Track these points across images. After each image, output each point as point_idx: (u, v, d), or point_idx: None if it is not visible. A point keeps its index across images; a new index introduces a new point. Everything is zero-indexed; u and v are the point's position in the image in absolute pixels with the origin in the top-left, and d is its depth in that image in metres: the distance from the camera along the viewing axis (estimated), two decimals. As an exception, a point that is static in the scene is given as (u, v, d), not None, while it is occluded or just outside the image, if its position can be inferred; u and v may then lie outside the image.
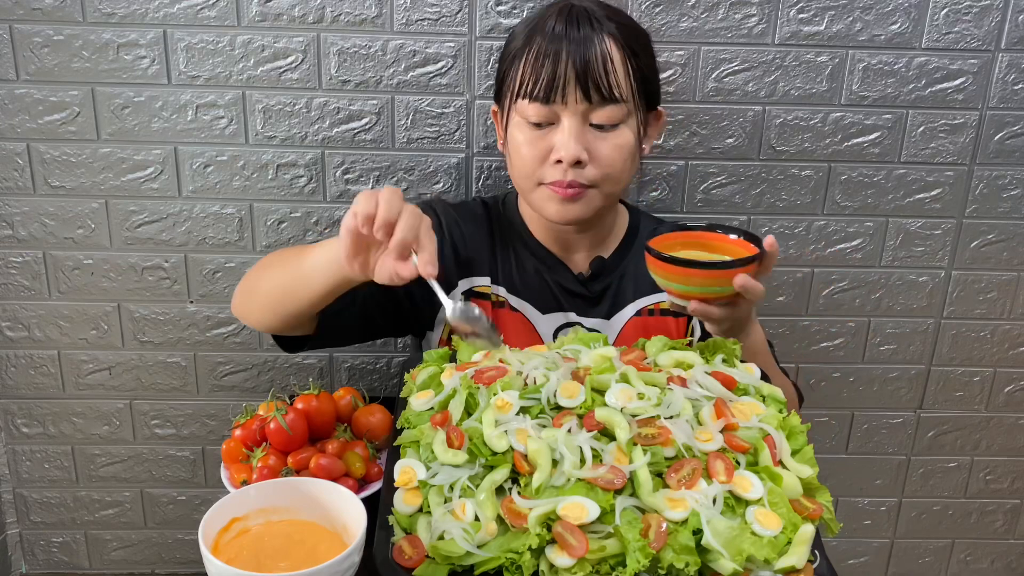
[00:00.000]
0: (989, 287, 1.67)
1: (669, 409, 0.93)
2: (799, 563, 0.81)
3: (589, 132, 1.17)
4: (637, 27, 1.22)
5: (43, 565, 1.83)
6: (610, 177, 1.19)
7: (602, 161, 1.17)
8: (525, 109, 1.17)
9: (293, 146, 1.52)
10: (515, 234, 1.33)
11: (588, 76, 1.13)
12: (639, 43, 1.19)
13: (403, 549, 0.85)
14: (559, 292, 1.32)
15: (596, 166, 1.17)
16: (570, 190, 1.18)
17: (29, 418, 1.70)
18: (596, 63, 1.13)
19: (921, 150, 1.56)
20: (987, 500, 1.84)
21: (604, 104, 1.15)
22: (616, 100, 1.15)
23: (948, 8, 1.47)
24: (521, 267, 1.32)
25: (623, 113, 1.16)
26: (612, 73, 1.14)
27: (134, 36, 1.45)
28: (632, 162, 1.21)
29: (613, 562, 0.81)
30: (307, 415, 1.10)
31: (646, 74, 1.19)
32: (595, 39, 1.14)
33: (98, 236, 1.57)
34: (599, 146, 1.17)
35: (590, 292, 1.32)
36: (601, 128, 1.17)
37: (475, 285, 1.31)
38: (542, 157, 1.18)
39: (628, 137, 1.18)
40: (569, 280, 1.32)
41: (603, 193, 1.21)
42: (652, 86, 1.22)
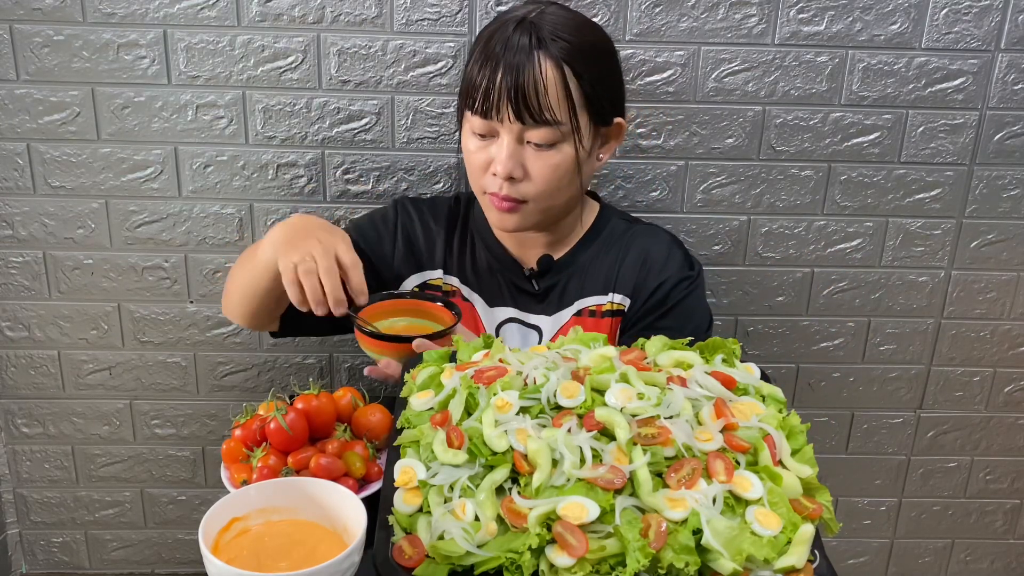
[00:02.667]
0: (989, 287, 1.67)
1: (669, 409, 0.93)
2: (799, 563, 0.81)
3: (526, 149, 1.18)
4: (594, 42, 1.20)
5: (43, 565, 1.83)
6: (544, 193, 1.21)
7: (536, 179, 1.19)
8: (471, 119, 1.20)
9: (293, 146, 1.52)
10: (476, 229, 1.37)
11: (519, 99, 1.14)
12: (589, 61, 1.17)
13: (403, 549, 0.85)
14: (507, 288, 1.36)
15: (530, 183, 1.20)
16: (505, 203, 1.21)
17: (29, 418, 1.70)
18: (528, 87, 1.13)
19: (921, 150, 1.56)
20: (987, 500, 1.84)
21: (537, 126, 1.16)
22: (548, 123, 1.15)
23: (948, 8, 1.47)
24: (475, 261, 1.37)
25: (558, 135, 1.17)
26: (543, 96, 1.14)
27: (134, 36, 1.45)
28: (570, 178, 1.21)
29: (613, 562, 0.81)
30: (307, 415, 1.10)
31: (594, 93, 1.18)
32: (532, 60, 1.13)
33: (98, 236, 1.57)
34: (534, 164, 1.18)
35: (535, 289, 1.35)
36: (538, 147, 1.18)
37: (427, 279, 1.37)
38: (484, 167, 1.21)
39: (564, 156, 1.19)
40: (518, 277, 1.35)
41: (540, 208, 1.23)
42: (602, 103, 1.20)
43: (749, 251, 1.62)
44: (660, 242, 1.35)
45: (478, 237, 1.37)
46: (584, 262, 1.34)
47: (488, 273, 1.36)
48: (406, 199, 1.42)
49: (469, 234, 1.38)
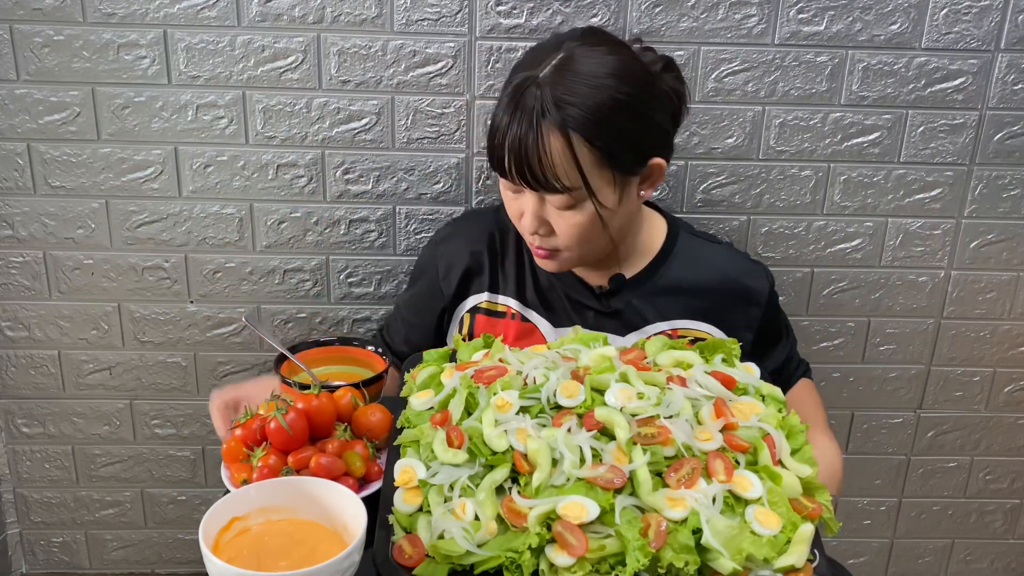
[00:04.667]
0: (989, 287, 1.67)
1: (669, 409, 0.93)
2: (798, 562, 0.82)
3: (548, 207, 1.16)
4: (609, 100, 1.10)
5: (43, 565, 1.83)
6: (574, 246, 1.19)
7: (561, 235, 1.18)
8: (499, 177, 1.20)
9: (293, 146, 1.52)
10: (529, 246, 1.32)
11: (524, 172, 1.12)
12: (603, 124, 1.10)
13: (403, 548, 0.85)
14: (571, 306, 1.31)
15: (558, 238, 1.19)
16: (540, 251, 1.22)
17: (29, 418, 1.70)
18: (531, 160, 1.10)
19: (921, 150, 1.56)
20: (987, 500, 1.84)
21: (548, 192, 1.14)
22: (558, 191, 1.12)
23: (948, 8, 1.47)
24: (535, 279, 1.33)
25: (572, 199, 1.13)
26: (548, 168, 1.10)
27: (134, 36, 1.45)
28: (598, 232, 1.18)
29: (613, 561, 0.82)
30: (307, 415, 1.10)
31: (613, 151, 1.11)
32: (533, 134, 1.09)
33: (98, 236, 1.57)
34: (558, 222, 1.17)
35: (605, 308, 1.30)
36: (556, 207, 1.16)
37: (475, 303, 1.34)
38: (517, 216, 1.21)
39: (586, 214, 1.15)
40: (583, 294, 1.31)
41: (576, 255, 1.21)
42: (625, 158, 1.14)
43: (749, 251, 1.62)
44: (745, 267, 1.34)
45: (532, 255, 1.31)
46: (660, 282, 1.30)
47: (550, 291, 1.32)
48: (440, 240, 1.38)
49: (524, 252, 1.33)
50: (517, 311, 1.32)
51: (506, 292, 1.33)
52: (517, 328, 1.31)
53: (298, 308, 1.63)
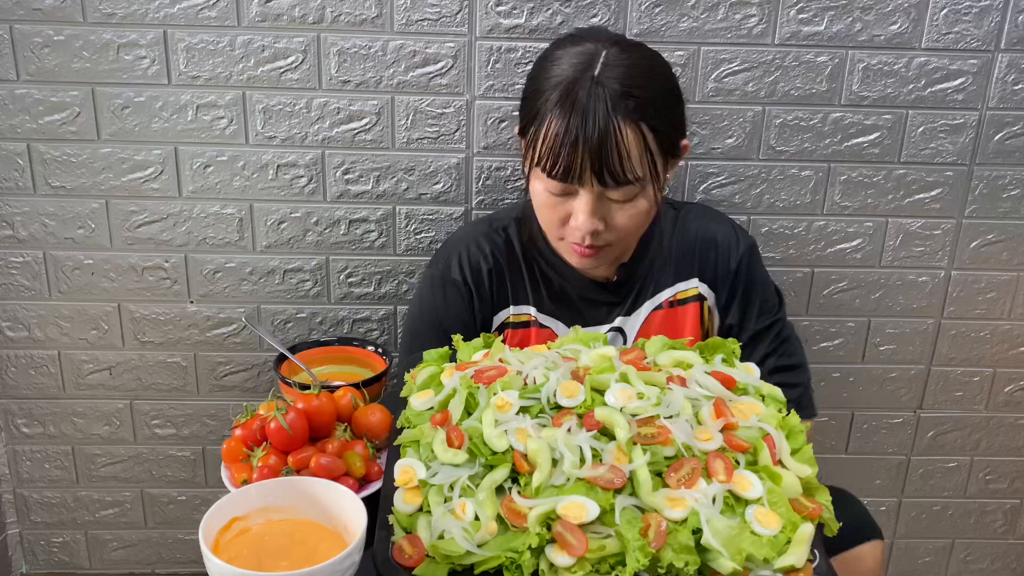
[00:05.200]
0: (989, 287, 1.67)
1: (669, 409, 0.93)
2: (798, 562, 0.82)
3: (606, 202, 1.17)
4: (662, 86, 1.17)
5: (43, 565, 1.83)
6: (626, 238, 1.22)
7: (618, 227, 1.19)
8: (545, 180, 1.17)
9: (293, 146, 1.52)
10: (538, 253, 1.34)
11: (604, 168, 1.12)
12: (661, 109, 1.15)
13: (403, 548, 0.85)
14: (584, 305, 1.33)
15: (612, 231, 1.19)
16: (588, 250, 1.21)
17: (29, 418, 1.70)
18: (611, 155, 1.11)
19: (921, 150, 1.56)
20: (987, 500, 1.84)
21: (620, 186, 1.14)
22: (631, 183, 1.14)
23: (948, 8, 1.47)
24: (548, 285, 1.34)
25: (636, 190, 1.16)
26: (627, 161, 1.12)
27: (134, 36, 1.45)
28: (649, 216, 1.22)
29: (613, 561, 0.82)
30: (307, 415, 1.10)
31: (668, 137, 1.17)
32: (611, 128, 1.11)
33: (98, 236, 1.57)
34: (615, 215, 1.18)
35: (616, 298, 1.33)
36: (618, 200, 1.17)
37: (504, 318, 1.34)
38: (562, 221, 1.20)
39: (645, 203, 1.18)
40: (594, 290, 1.33)
41: (622, 248, 1.25)
42: (673, 140, 1.19)
43: (749, 251, 1.62)
44: (719, 222, 1.37)
45: (542, 262, 1.34)
46: (653, 256, 1.34)
47: (563, 295, 1.34)
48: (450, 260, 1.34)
49: (533, 261, 1.34)
50: (535, 317, 1.34)
51: (526, 301, 1.34)
52: (537, 334, 1.33)
53: (298, 308, 1.63)
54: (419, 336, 1.33)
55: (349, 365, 1.28)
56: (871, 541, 1.32)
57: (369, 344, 1.28)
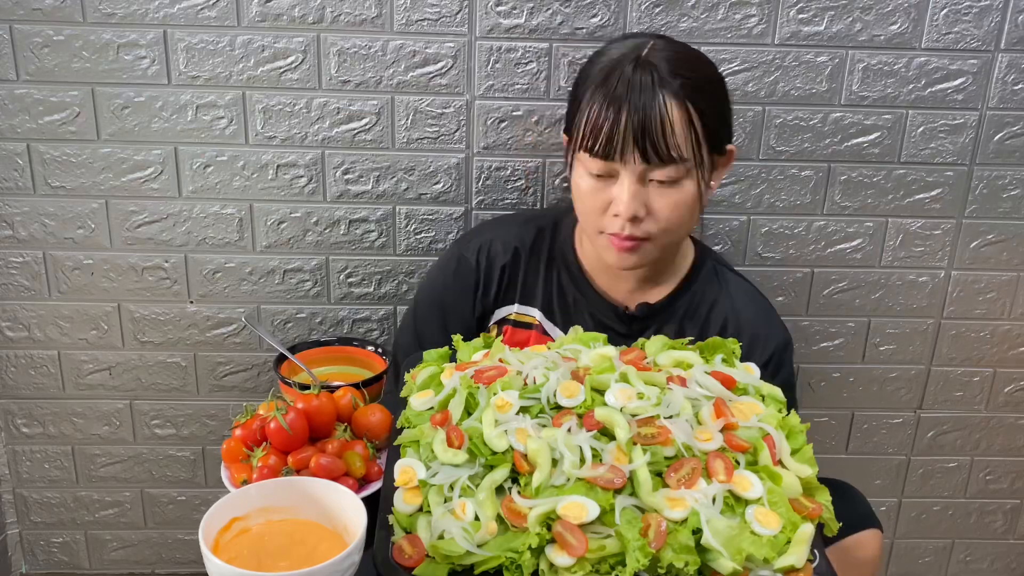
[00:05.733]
0: (989, 287, 1.67)
1: (669, 409, 0.93)
2: (798, 562, 0.82)
3: (649, 187, 1.15)
4: (709, 76, 1.18)
5: (43, 565, 1.83)
6: (668, 230, 1.18)
7: (660, 216, 1.16)
8: (587, 161, 1.17)
9: (293, 146, 1.52)
10: (562, 259, 1.32)
11: (646, 140, 1.11)
12: (707, 95, 1.16)
13: (403, 548, 0.85)
14: (594, 325, 1.30)
15: (654, 221, 1.16)
16: (627, 242, 1.18)
17: (29, 418, 1.70)
18: (654, 127, 1.11)
19: (921, 150, 1.56)
20: (987, 500, 1.84)
21: (663, 165, 1.13)
22: (675, 161, 1.13)
23: (948, 8, 1.47)
24: (561, 294, 1.32)
25: (682, 171, 1.14)
26: (671, 136, 1.11)
27: (134, 36, 1.45)
28: (692, 212, 1.19)
29: (613, 561, 0.82)
30: (307, 415, 1.10)
31: (713, 124, 1.16)
32: (656, 101, 1.11)
33: (98, 236, 1.57)
34: (658, 202, 1.15)
35: (627, 331, 1.29)
36: (661, 183, 1.15)
37: (504, 315, 1.33)
38: (602, 208, 1.17)
39: (688, 191, 1.16)
40: (608, 315, 1.30)
41: (661, 244, 1.20)
42: (719, 133, 1.19)
43: (749, 251, 1.62)
44: (761, 312, 1.31)
45: (564, 271, 1.32)
46: (679, 310, 1.30)
47: (573, 308, 1.31)
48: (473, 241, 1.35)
49: (555, 267, 1.32)
50: (539, 322, 1.32)
51: (534, 303, 1.32)
52: (537, 339, 1.31)
53: (298, 308, 1.63)
54: (420, 306, 1.36)
55: (349, 365, 1.27)
56: (871, 529, 1.31)
57: (369, 344, 1.28)
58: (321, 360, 1.26)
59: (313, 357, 1.25)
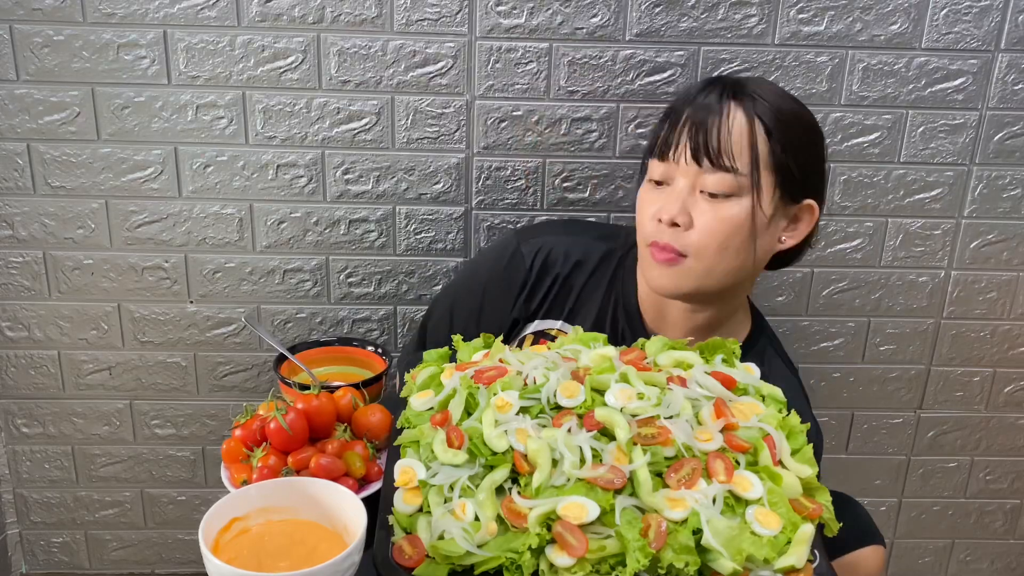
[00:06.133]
0: (989, 287, 1.67)
1: (669, 409, 0.93)
2: (799, 563, 0.82)
3: (699, 199, 1.12)
4: (799, 116, 1.14)
5: (43, 565, 1.83)
6: (708, 249, 1.12)
7: (702, 229, 1.11)
8: (651, 166, 1.16)
9: (293, 146, 1.52)
10: (622, 291, 1.27)
11: (699, 137, 1.09)
12: (788, 128, 1.11)
13: (403, 549, 0.85)
14: None
15: (695, 232, 1.12)
16: (665, 253, 1.13)
17: (29, 418, 1.70)
18: (711, 127, 1.09)
19: (921, 150, 1.56)
20: (987, 500, 1.84)
21: (714, 170, 1.10)
22: (726, 168, 1.09)
23: (948, 8, 1.47)
24: (614, 328, 1.27)
25: (735, 185, 1.10)
26: (725, 138, 1.09)
27: (134, 36, 1.45)
28: (740, 242, 1.12)
29: (613, 562, 0.81)
30: (307, 415, 1.10)
31: (786, 158, 1.11)
32: (723, 106, 1.10)
33: (98, 236, 1.57)
34: (703, 214, 1.11)
35: None
36: (712, 196, 1.11)
37: (546, 328, 1.28)
38: (653, 215, 1.14)
39: (737, 212, 1.10)
40: None
41: (701, 267, 1.13)
42: (793, 173, 1.12)
43: (749, 251, 1.62)
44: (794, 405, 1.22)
45: (621, 303, 1.26)
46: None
47: (620, 341, 1.25)
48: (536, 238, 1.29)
49: (613, 296, 1.27)
50: None
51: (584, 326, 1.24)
52: None
53: (298, 308, 1.63)
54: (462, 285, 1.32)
55: (349, 365, 1.27)
56: (872, 545, 1.29)
57: (369, 344, 1.27)
58: (321, 360, 1.25)
59: (313, 357, 1.25)
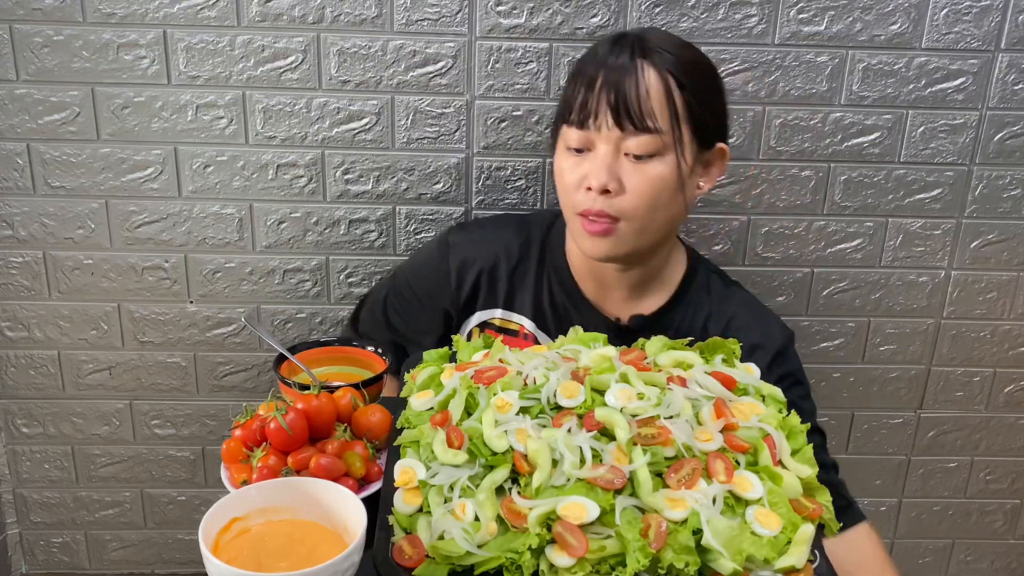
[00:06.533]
0: (989, 287, 1.67)
1: (669, 409, 0.93)
2: (799, 563, 0.81)
3: (624, 162, 1.13)
4: (697, 59, 1.16)
5: (43, 565, 1.83)
6: (641, 210, 1.14)
7: (633, 192, 1.13)
8: (567, 134, 1.16)
9: (293, 146, 1.52)
10: (552, 267, 1.30)
11: (619, 102, 1.10)
12: (695, 77, 1.13)
13: (403, 549, 0.85)
14: None
15: (626, 197, 1.13)
16: (599, 222, 1.14)
17: (29, 418, 1.70)
18: (629, 90, 1.10)
19: (921, 150, 1.56)
20: (987, 500, 1.84)
21: (637, 133, 1.11)
22: (649, 130, 1.10)
23: (948, 8, 1.47)
24: (553, 304, 1.29)
25: (658, 144, 1.12)
26: (645, 101, 1.10)
27: (134, 36, 1.45)
28: (669, 198, 1.14)
29: (613, 562, 0.81)
30: (307, 415, 1.10)
31: (699, 107, 1.13)
32: (635, 66, 1.10)
33: (98, 236, 1.57)
34: (632, 177, 1.13)
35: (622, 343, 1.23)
36: (637, 159, 1.12)
37: (487, 318, 1.31)
38: (577, 183, 1.15)
39: (664, 171, 1.13)
40: (600, 327, 1.21)
41: (635, 229, 1.15)
42: (706, 121, 1.15)
43: (749, 251, 1.62)
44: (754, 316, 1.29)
45: (555, 278, 1.29)
46: (674, 323, 1.27)
47: (564, 317, 1.28)
48: (457, 237, 1.34)
49: (545, 273, 1.29)
50: (530, 332, 1.30)
51: (522, 311, 1.30)
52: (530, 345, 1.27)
53: (298, 308, 1.63)
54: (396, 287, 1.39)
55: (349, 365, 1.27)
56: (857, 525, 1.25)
57: (369, 344, 1.27)
58: (321, 360, 1.25)
59: (313, 357, 1.25)
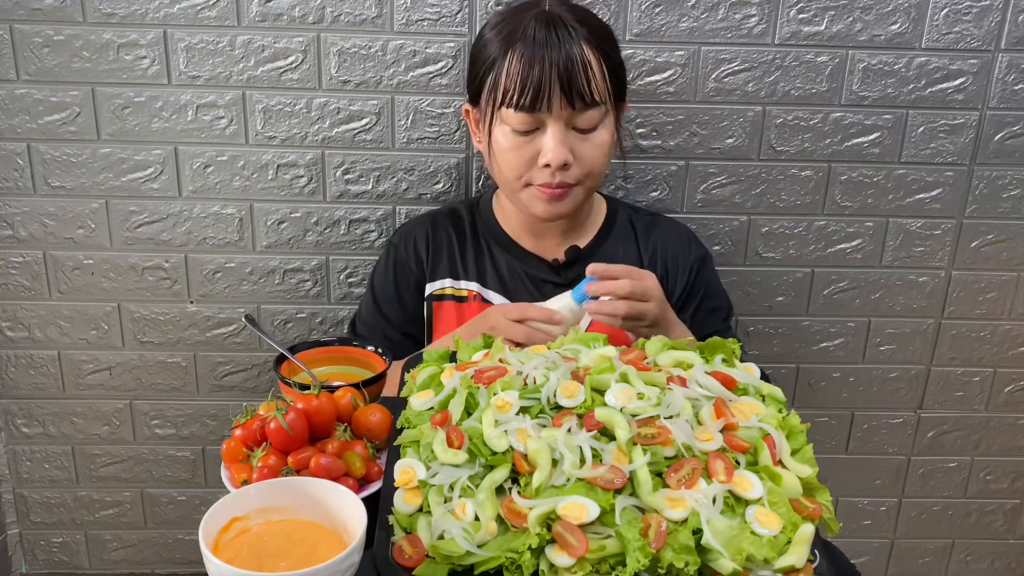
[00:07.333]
0: (989, 287, 1.67)
1: (669, 409, 0.93)
2: (799, 563, 0.81)
3: (572, 135, 1.23)
4: (603, 25, 1.27)
5: (43, 565, 1.83)
6: (593, 175, 1.27)
7: (585, 161, 1.24)
8: (510, 117, 1.22)
9: (293, 146, 1.52)
10: (487, 232, 1.41)
11: (572, 85, 1.18)
12: (609, 42, 1.25)
13: (403, 549, 0.85)
14: (531, 282, 1.38)
15: (580, 166, 1.24)
16: (558, 190, 1.25)
17: (29, 418, 1.70)
18: (578, 71, 1.18)
19: (921, 150, 1.56)
20: (987, 500, 1.84)
21: (586, 109, 1.21)
22: (597, 104, 1.21)
23: (948, 8, 1.47)
24: (495, 263, 1.40)
25: (602, 114, 1.23)
26: (593, 80, 1.20)
27: (134, 36, 1.45)
28: (610, 157, 1.29)
29: (613, 561, 0.81)
30: (307, 415, 1.10)
31: (619, 72, 1.26)
32: (575, 49, 1.18)
33: (98, 236, 1.57)
34: (582, 148, 1.24)
35: (563, 279, 1.37)
36: (583, 130, 1.23)
37: (435, 289, 1.40)
38: (529, 162, 1.24)
39: (607, 135, 1.25)
40: (542, 269, 1.38)
41: (585, 188, 1.28)
42: (621, 82, 1.28)
43: (749, 251, 1.62)
44: (680, 235, 1.44)
45: (492, 241, 1.41)
46: (608, 251, 1.40)
47: (509, 273, 1.39)
48: (397, 236, 1.45)
49: (481, 239, 1.41)
50: (478, 292, 1.39)
51: (468, 277, 1.39)
52: (478, 308, 1.37)
53: (298, 308, 1.63)
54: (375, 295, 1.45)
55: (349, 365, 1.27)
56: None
57: (369, 344, 1.28)
58: (321, 360, 1.25)
59: (313, 357, 1.25)
